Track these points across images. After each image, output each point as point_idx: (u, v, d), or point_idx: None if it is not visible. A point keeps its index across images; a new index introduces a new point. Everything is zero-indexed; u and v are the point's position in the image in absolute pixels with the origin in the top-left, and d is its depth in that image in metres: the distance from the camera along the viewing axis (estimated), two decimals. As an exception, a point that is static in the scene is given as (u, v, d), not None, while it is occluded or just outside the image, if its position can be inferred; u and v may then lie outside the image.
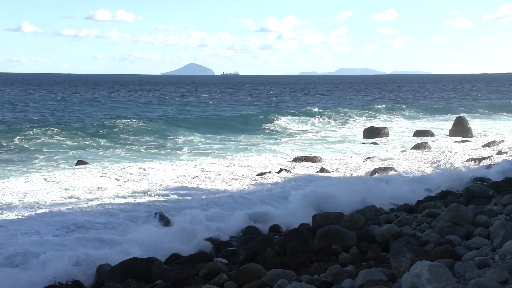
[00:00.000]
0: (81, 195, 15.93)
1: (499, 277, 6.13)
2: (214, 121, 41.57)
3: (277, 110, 51.68)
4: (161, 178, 18.83)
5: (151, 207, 14.28)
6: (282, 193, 16.02)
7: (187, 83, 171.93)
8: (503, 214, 9.82)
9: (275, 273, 7.81)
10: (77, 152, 26.86)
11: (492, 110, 53.68)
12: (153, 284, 8.56)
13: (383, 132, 32.95)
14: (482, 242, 8.06)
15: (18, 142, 28.46)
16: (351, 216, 10.20)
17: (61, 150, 27.56)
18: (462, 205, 9.33)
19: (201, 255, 9.51)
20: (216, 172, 20.15)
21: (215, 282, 8.10)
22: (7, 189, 16.65)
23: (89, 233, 11.79)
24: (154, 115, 48.79)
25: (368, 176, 18.66)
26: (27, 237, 11.48)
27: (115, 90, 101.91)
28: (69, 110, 52.68)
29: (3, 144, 27.88)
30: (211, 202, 15.01)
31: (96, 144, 29.55)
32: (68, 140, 30.06)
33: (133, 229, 12.09)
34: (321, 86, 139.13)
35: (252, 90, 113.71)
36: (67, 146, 28.79)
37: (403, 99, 76.15)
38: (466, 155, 23.06)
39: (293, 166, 21.36)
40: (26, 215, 13.48)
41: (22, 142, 28.65)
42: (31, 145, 28.32)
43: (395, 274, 6.88)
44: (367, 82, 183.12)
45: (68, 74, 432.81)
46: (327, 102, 70.97)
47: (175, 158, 24.72)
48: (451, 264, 6.89)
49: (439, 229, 8.99)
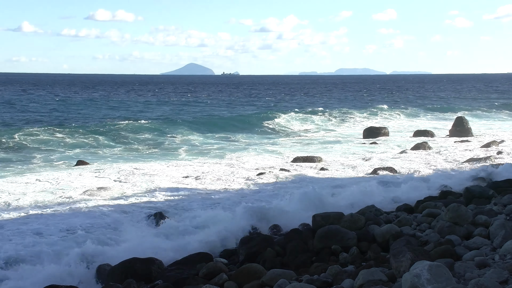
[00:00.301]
0: (81, 195, 15.93)
1: (499, 277, 6.13)
2: (213, 121, 41.57)
3: (276, 110, 51.67)
4: (160, 178, 18.83)
5: (151, 207, 14.27)
6: (282, 193, 16.02)
7: (187, 83, 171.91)
8: (503, 214, 9.82)
9: (275, 273, 7.80)
10: (76, 152, 26.87)
11: (492, 110, 53.66)
12: (153, 284, 8.56)
13: (383, 132, 32.96)
14: (482, 242, 8.06)
15: (17, 142, 28.46)
16: (351, 216, 10.20)
17: (60, 150, 27.57)
18: (462, 205, 9.33)
19: (201, 255, 9.50)
20: (215, 172, 20.15)
21: (215, 282, 8.09)
22: (6, 189, 16.65)
23: (89, 233, 11.79)
24: (153, 115, 48.79)
25: (368, 176, 18.68)
26: (26, 238, 11.47)
27: (114, 90, 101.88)
28: (69, 110, 52.66)
29: (2, 144, 27.86)
30: (211, 202, 15.00)
31: (96, 144, 29.56)
32: (68, 140, 30.04)
33: (133, 229, 12.10)
34: (321, 86, 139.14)
35: (252, 90, 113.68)
36: (66, 146, 28.79)
37: (403, 99, 76.18)
38: (466, 155, 23.05)
39: (293, 166, 21.35)
40: (26, 216, 13.48)
41: (21, 142, 28.64)
42: (30, 145, 28.32)
43: (395, 274, 6.87)
44: (367, 82, 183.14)
45: (68, 74, 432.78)
46: (326, 102, 70.98)
47: (174, 158, 24.74)
48: (451, 264, 6.89)
49: (439, 229, 8.99)
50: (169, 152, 27.21)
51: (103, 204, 14.62)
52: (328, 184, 17.20)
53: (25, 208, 14.31)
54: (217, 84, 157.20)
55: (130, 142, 30.99)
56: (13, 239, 11.41)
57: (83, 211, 13.93)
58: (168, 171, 20.33)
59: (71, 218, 13.15)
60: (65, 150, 27.69)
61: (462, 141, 28.96)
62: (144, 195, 16.07)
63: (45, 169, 21.26)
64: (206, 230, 11.68)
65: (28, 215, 13.49)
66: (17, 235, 11.75)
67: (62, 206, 14.50)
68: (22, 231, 12.03)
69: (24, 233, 11.89)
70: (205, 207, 14.34)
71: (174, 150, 27.90)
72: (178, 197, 15.56)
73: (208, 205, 14.55)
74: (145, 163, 22.62)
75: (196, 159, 24.05)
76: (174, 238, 11.25)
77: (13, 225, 12.53)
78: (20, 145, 28.09)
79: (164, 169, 20.96)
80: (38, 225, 12.53)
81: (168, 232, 11.74)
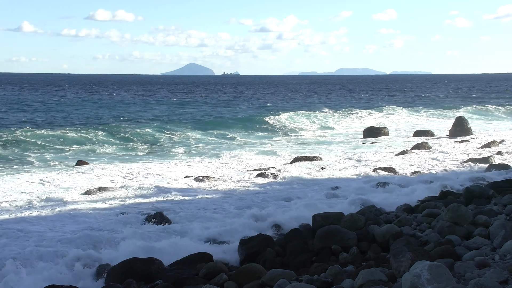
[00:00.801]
0: (80, 195, 15.92)
1: (499, 277, 6.12)
2: (213, 121, 41.58)
3: (276, 110, 51.66)
4: (160, 178, 18.85)
5: (151, 207, 14.26)
6: (281, 193, 16.02)
7: (187, 83, 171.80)
8: (503, 214, 9.82)
9: (275, 273, 7.80)
10: (76, 152, 26.86)
11: (493, 110, 53.66)
12: (153, 284, 8.55)
13: (383, 132, 32.98)
14: (482, 242, 8.06)
15: (16, 142, 28.41)
16: (351, 216, 10.20)
17: (59, 150, 27.57)
18: (462, 205, 9.33)
19: (201, 255, 9.49)
20: (215, 172, 20.16)
21: (215, 282, 8.09)
22: (4, 189, 16.66)
23: (89, 233, 11.78)
24: (153, 115, 48.75)
25: (369, 176, 18.68)
26: (27, 238, 11.47)
27: (114, 90, 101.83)
28: (68, 111, 52.62)
29: (0, 144, 27.85)
30: (210, 202, 14.99)
31: (95, 144, 29.55)
32: (67, 140, 30.04)
33: (133, 229, 12.09)
34: (320, 86, 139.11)
35: (252, 90, 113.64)
36: (66, 146, 28.77)
37: (403, 99, 76.18)
38: (466, 155, 23.05)
39: (292, 166, 21.34)
40: (26, 216, 13.47)
41: (20, 142, 28.60)
42: (30, 145, 28.29)
43: (395, 274, 6.87)
44: (367, 82, 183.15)
45: (68, 74, 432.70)
46: (326, 102, 70.94)
47: (173, 158, 24.77)
48: (451, 264, 6.89)
49: (439, 229, 8.99)
50: (169, 152, 27.23)
51: (103, 204, 14.61)
52: (328, 184, 17.21)
53: (26, 208, 14.31)
54: (217, 84, 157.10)
55: (129, 142, 31.01)
56: (13, 239, 11.41)
57: (83, 211, 13.91)
58: (168, 171, 20.34)
59: (71, 218, 13.15)
60: (64, 150, 27.69)
61: (462, 141, 28.96)
62: (144, 195, 16.06)
63: (44, 169, 21.27)
64: (205, 230, 11.70)
65: (28, 215, 13.47)
66: (17, 235, 11.75)
67: (62, 206, 14.50)
68: (22, 231, 12.02)
69: (25, 233, 11.88)
70: (205, 207, 14.34)
71: (174, 150, 27.92)
72: (178, 198, 15.54)
73: (209, 206, 14.54)
74: (145, 163, 22.62)
75: (196, 159, 24.06)
76: (174, 238, 11.24)
77: (14, 225, 12.52)
78: (19, 145, 28.04)
79: (164, 169, 20.97)
80: (38, 225, 12.52)
81: (168, 232, 11.74)
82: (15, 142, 28.34)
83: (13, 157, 25.07)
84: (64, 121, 41.41)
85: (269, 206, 14.24)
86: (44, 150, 27.11)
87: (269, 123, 40.50)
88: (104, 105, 60.39)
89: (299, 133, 37.43)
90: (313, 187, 16.91)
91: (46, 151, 27.02)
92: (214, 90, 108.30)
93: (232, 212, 13.76)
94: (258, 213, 13.27)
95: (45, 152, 26.46)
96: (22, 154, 26.04)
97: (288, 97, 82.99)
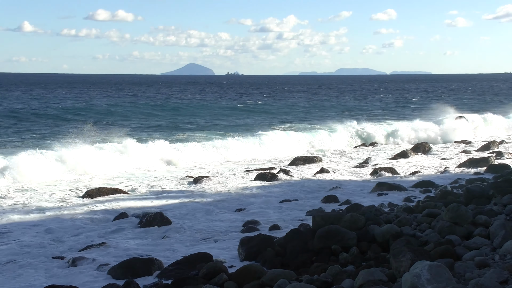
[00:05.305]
0: (79, 195, 15.93)
1: (499, 277, 6.12)
2: (212, 121, 41.52)
3: (276, 109, 51.60)
4: (160, 178, 18.85)
5: (151, 207, 14.26)
6: (281, 193, 16.02)
7: (187, 83, 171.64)
8: (503, 214, 9.81)
9: (275, 273, 7.80)
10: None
11: (493, 110, 53.51)
12: (153, 284, 8.55)
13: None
14: (482, 242, 8.05)
15: (15, 142, 28.40)
16: (351, 216, 10.18)
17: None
18: (462, 205, 9.32)
19: (201, 255, 9.48)
20: (214, 172, 20.17)
21: (215, 282, 8.08)
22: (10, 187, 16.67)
23: (89, 234, 11.79)
24: (152, 115, 48.66)
25: (369, 176, 18.68)
26: (26, 238, 11.48)
27: (114, 90, 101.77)
28: (67, 110, 52.49)
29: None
30: (210, 203, 14.99)
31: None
32: (64, 140, 29.92)
33: (133, 229, 12.10)
34: (320, 86, 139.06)
35: (251, 90, 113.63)
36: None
37: (402, 99, 76.14)
38: (465, 156, 23.04)
39: (292, 167, 21.34)
40: (26, 216, 13.49)
41: (19, 142, 28.58)
42: (26, 146, 28.22)
43: (395, 274, 6.87)
44: (367, 82, 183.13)
45: (68, 74, 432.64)
46: (325, 101, 70.90)
47: (173, 157, 24.66)
48: (451, 264, 6.89)
49: (439, 229, 8.98)
50: (169, 152, 27.11)
51: (102, 204, 14.60)
52: (328, 185, 17.21)
53: (25, 208, 14.32)
54: (217, 84, 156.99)
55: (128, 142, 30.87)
56: (13, 239, 11.42)
57: (82, 211, 13.92)
58: (168, 171, 20.36)
59: (69, 218, 13.14)
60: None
61: (462, 141, 28.96)
62: (144, 195, 16.09)
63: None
64: (205, 230, 11.70)
65: (28, 215, 13.49)
66: (17, 235, 11.76)
67: (62, 206, 14.51)
68: (22, 231, 12.03)
69: (24, 233, 11.90)
70: (204, 207, 14.33)
71: (173, 150, 27.81)
72: (178, 198, 15.53)
73: (208, 205, 14.54)
74: (145, 163, 22.57)
75: (195, 159, 24.00)
76: (174, 238, 11.24)
77: (14, 225, 12.54)
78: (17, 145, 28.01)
79: (164, 169, 21.01)
80: (38, 225, 12.53)
81: (168, 232, 11.74)
82: (12, 142, 28.32)
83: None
84: (62, 121, 41.25)
85: (269, 206, 14.25)
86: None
87: (269, 125, 40.36)
88: (104, 105, 60.04)
89: (298, 133, 37.26)
90: (313, 187, 16.90)
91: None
92: (213, 90, 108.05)
93: (232, 212, 13.77)
94: (258, 213, 13.28)
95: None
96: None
97: (288, 97, 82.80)
